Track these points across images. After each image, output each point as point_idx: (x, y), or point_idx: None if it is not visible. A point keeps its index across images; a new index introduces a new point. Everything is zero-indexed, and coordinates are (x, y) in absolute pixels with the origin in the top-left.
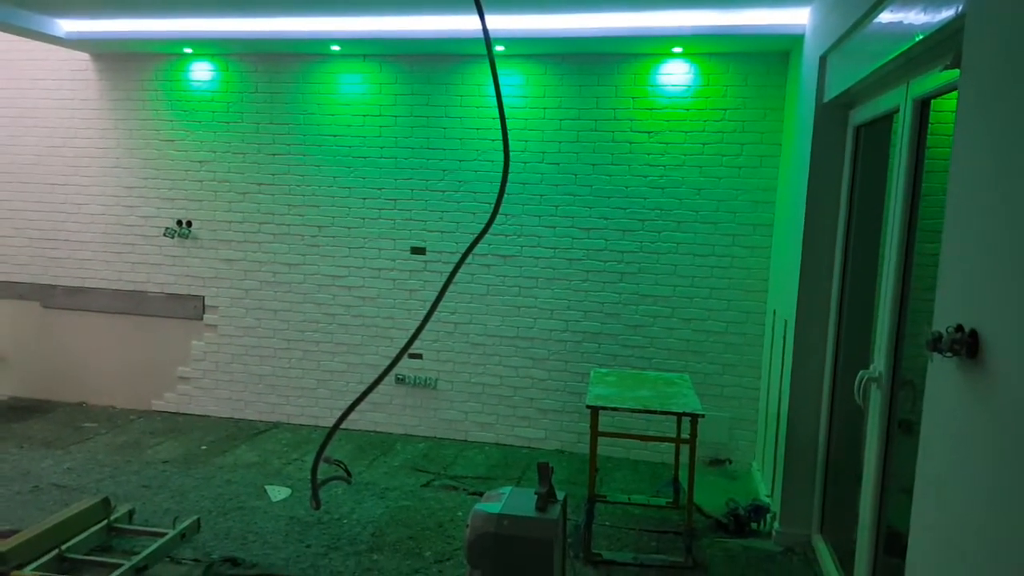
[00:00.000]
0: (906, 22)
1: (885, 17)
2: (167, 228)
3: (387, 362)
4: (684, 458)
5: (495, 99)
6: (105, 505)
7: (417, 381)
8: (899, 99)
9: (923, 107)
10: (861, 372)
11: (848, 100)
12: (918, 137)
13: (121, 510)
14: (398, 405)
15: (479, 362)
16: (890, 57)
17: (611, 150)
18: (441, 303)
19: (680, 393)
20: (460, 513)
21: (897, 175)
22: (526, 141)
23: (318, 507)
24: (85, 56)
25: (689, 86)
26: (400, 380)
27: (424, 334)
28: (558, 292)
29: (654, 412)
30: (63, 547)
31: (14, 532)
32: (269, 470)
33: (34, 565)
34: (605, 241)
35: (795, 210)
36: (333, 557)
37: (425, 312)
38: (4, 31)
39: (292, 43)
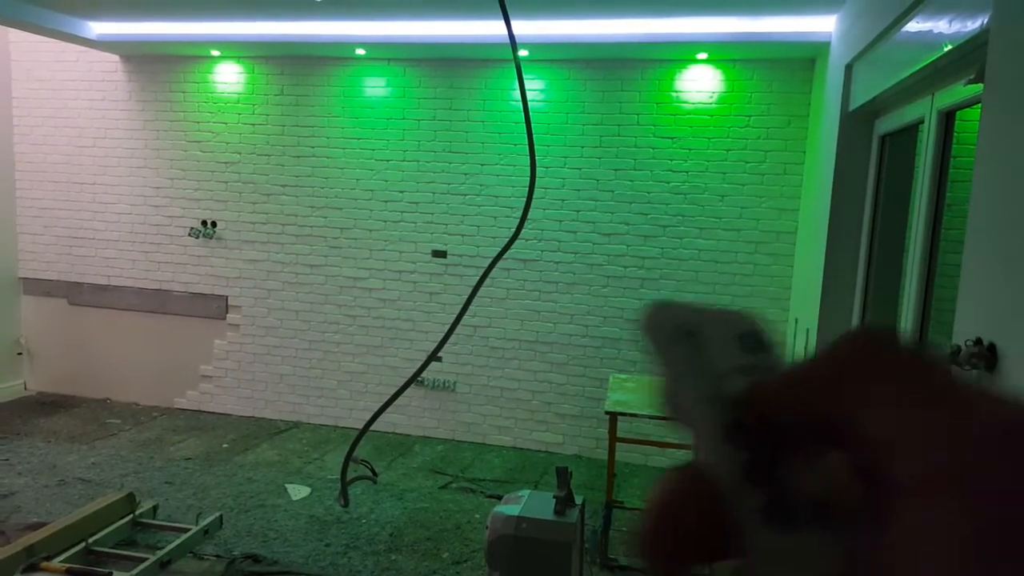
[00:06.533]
0: (935, 32)
1: (912, 27)
2: (192, 228)
3: (407, 364)
4: None
5: (520, 105)
6: (130, 500)
7: (436, 384)
8: (924, 110)
9: (948, 119)
10: None
11: (873, 109)
12: (943, 149)
13: (145, 505)
14: (417, 407)
15: (498, 366)
16: (916, 68)
17: (633, 155)
18: (461, 307)
19: None
20: (478, 515)
21: (921, 186)
22: (548, 146)
23: (346, 504)
24: (115, 58)
25: (713, 92)
26: (419, 382)
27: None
28: (578, 297)
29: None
30: (90, 540)
31: (42, 524)
32: (290, 469)
33: (62, 557)
34: (626, 246)
35: (819, 218)
36: (352, 556)
37: (445, 315)
38: (36, 33)
39: (318, 46)
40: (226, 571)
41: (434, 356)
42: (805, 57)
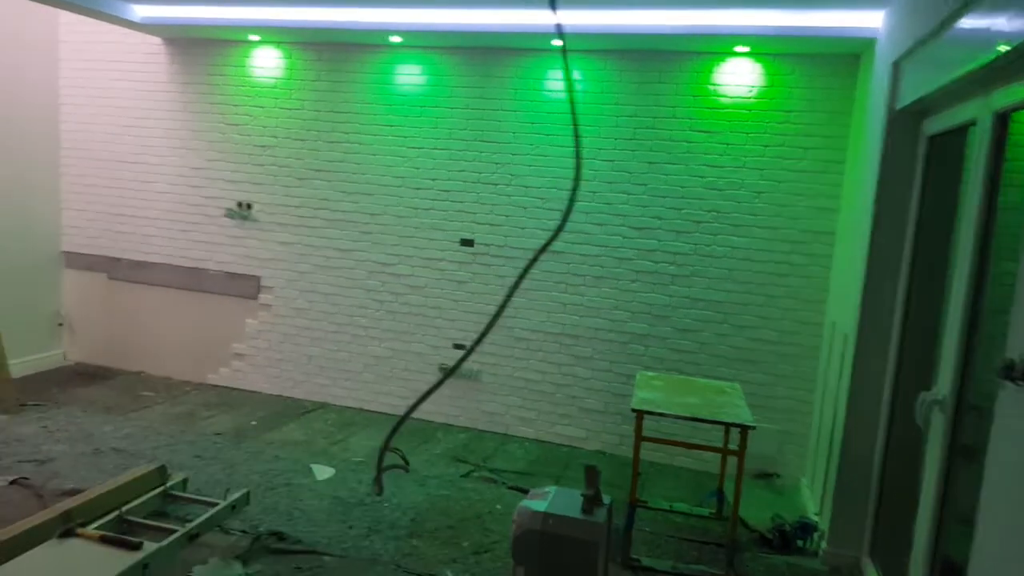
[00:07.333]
0: (992, 30)
1: (966, 24)
2: (228, 209)
3: (432, 351)
4: (730, 469)
5: (557, 95)
6: (162, 472)
7: (460, 372)
8: (978, 111)
9: (1003, 120)
10: (923, 394)
11: (922, 109)
12: (997, 150)
13: (176, 478)
14: (440, 394)
15: (522, 357)
16: (970, 67)
17: (668, 149)
18: (488, 296)
19: (730, 403)
20: (499, 506)
21: (972, 189)
22: (581, 137)
23: (380, 492)
24: (158, 40)
25: (753, 86)
26: (444, 369)
27: (469, 326)
28: (606, 291)
29: (703, 420)
30: (123, 509)
31: (78, 491)
32: (315, 449)
33: (96, 524)
34: (657, 241)
35: (861, 219)
36: (374, 539)
37: (471, 304)
38: (84, 14)
39: (355, 33)
40: (251, 547)
41: (474, 348)
42: (850, 53)
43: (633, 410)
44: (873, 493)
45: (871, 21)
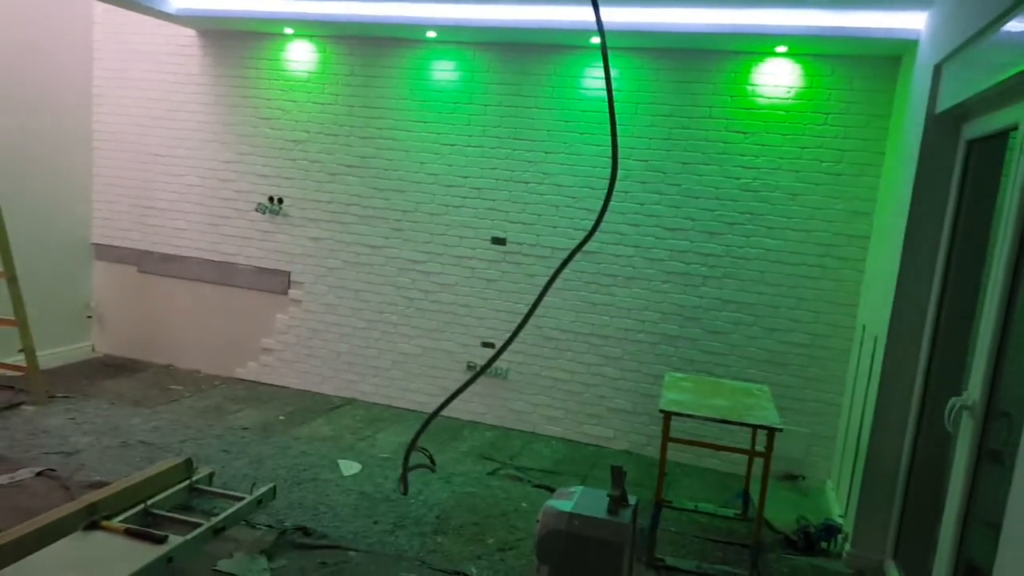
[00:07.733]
0: None
1: (1013, 27)
2: (259, 203)
3: (461, 349)
4: (756, 470)
5: (594, 93)
6: (188, 466)
7: (488, 370)
8: (1020, 115)
9: None
10: (953, 399)
11: (962, 113)
12: None
13: (202, 472)
14: (468, 392)
15: (551, 356)
16: (1016, 70)
17: (703, 149)
18: (518, 295)
19: (759, 405)
20: (524, 504)
21: (1011, 194)
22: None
23: (405, 492)
24: (192, 32)
25: (791, 87)
26: (472, 368)
27: (499, 324)
28: (636, 291)
29: (730, 423)
30: (148, 502)
31: (104, 483)
32: (342, 444)
33: (122, 517)
34: (690, 242)
35: (895, 224)
36: (399, 535)
37: (501, 303)
38: (120, 6)
39: (390, 27)
40: (277, 541)
41: (505, 347)
42: (890, 55)
43: (661, 411)
44: (898, 496)
45: (913, 22)
